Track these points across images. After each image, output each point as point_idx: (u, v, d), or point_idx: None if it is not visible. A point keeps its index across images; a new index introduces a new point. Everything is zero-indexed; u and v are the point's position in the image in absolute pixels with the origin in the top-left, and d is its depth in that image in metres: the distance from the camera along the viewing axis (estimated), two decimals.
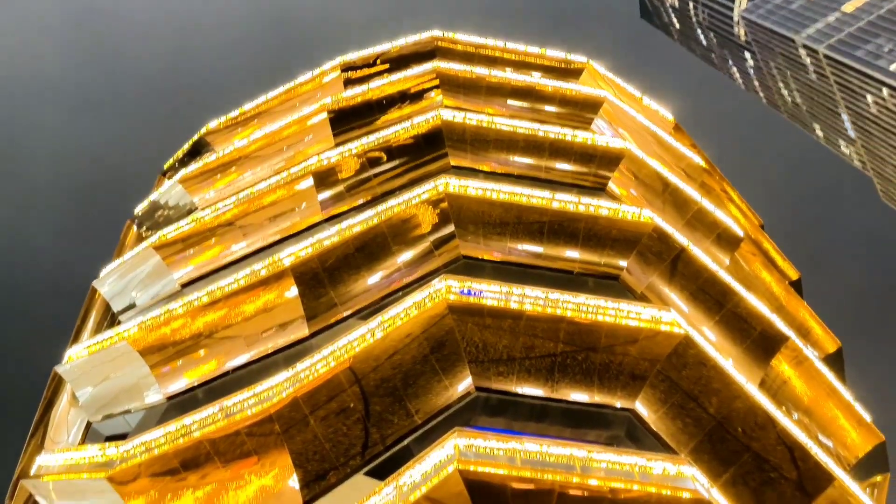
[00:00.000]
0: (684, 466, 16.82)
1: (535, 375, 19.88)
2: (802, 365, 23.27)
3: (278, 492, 18.67)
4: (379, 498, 16.43)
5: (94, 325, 27.19)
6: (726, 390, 19.74)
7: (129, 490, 18.51)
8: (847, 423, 23.41)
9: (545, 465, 16.52)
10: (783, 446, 19.35)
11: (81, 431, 23.80)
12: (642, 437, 19.62)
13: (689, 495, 16.16)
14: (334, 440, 19.01)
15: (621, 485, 16.29)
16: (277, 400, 18.52)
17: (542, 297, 19.88)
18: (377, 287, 22.95)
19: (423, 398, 19.67)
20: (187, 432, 18.52)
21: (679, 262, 23.14)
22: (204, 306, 22.10)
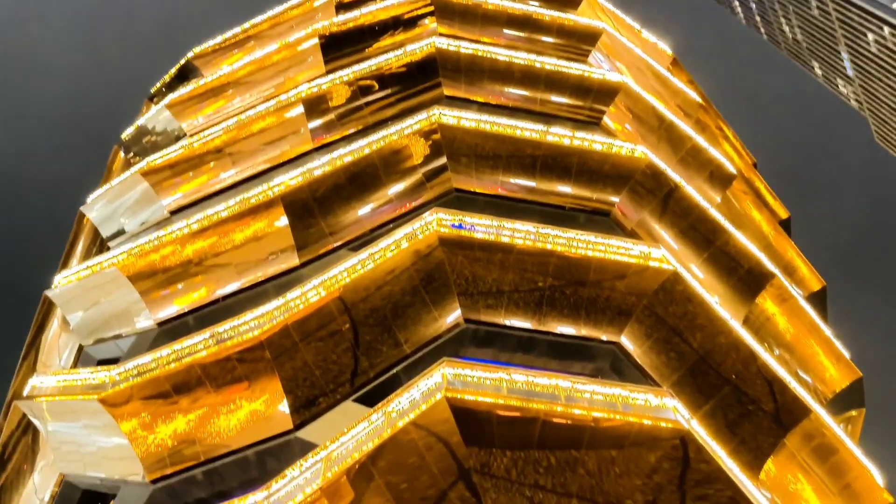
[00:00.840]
0: (666, 398, 17.23)
1: (523, 308, 20.10)
2: (786, 303, 23.63)
3: (269, 416, 19.05)
4: (368, 424, 16.80)
5: (83, 251, 27.14)
6: (711, 326, 20.08)
7: (122, 412, 18.84)
8: (826, 359, 23.96)
9: (531, 394, 16.89)
10: (763, 380, 19.85)
11: (73, 356, 24.06)
12: (626, 369, 20.03)
13: (670, 426, 16.61)
14: (324, 367, 19.30)
15: (604, 414, 16.70)
16: (268, 327, 18.68)
17: (532, 232, 19.90)
18: (368, 218, 22.89)
19: (412, 329, 19.91)
20: (178, 357, 18.74)
21: (671, 200, 23.13)
22: (193, 234, 22.02)
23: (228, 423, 18.99)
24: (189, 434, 19.03)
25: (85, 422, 19.67)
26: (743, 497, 16.45)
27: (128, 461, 19.14)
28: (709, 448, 16.84)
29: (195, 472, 19.18)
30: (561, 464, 16.77)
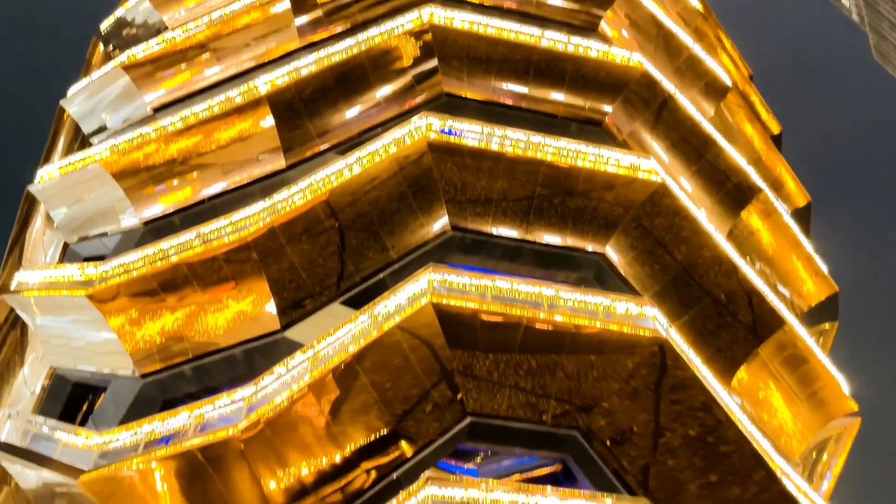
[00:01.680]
0: (646, 307, 17.62)
1: (510, 217, 20.14)
2: (771, 217, 23.82)
3: (256, 316, 19.33)
4: (354, 325, 17.13)
5: (65, 147, 26.60)
6: (696, 239, 20.29)
7: (109, 308, 19.04)
8: (805, 273, 24.42)
9: (514, 301, 17.20)
10: (742, 293, 20.30)
11: (58, 253, 24.03)
12: (609, 280, 20.34)
13: (649, 334, 17.08)
14: (310, 270, 19.44)
15: (585, 322, 17.11)
16: (254, 229, 18.66)
17: (523, 140, 19.68)
18: (356, 121, 22.46)
19: (398, 235, 19.97)
20: (165, 256, 18.77)
21: (664, 111, 22.82)
22: (177, 132, 21.58)
23: (216, 321, 19.27)
24: (177, 331, 19.34)
25: (72, 316, 19.88)
26: (714, 402, 17.14)
27: (117, 356, 19.51)
28: (685, 356, 17.39)
29: (184, 368, 19.62)
30: (541, 367, 17.29)
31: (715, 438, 17.14)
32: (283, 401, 16.24)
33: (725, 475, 17.00)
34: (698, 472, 17.06)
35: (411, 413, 17.34)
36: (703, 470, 17.02)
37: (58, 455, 17.50)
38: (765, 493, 16.98)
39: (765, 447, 17.40)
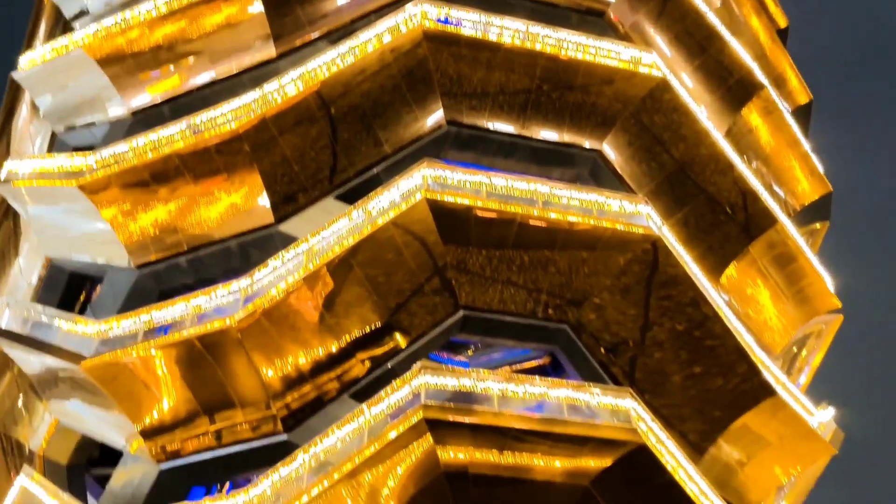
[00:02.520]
0: (640, 205, 17.65)
1: (507, 111, 19.75)
2: (771, 115, 23.46)
3: (249, 209, 19.26)
4: (348, 221, 17.13)
5: (47, 32, 25.50)
6: (694, 137, 20.05)
7: (101, 199, 18.89)
8: (801, 173, 24.35)
9: (509, 198, 17.17)
10: (737, 191, 20.29)
11: (46, 143, 23.57)
12: (605, 177, 20.22)
13: (641, 231, 17.20)
14: (303, 163, 19.20)
15: (579, 219, 17.17)
16: (246, 120, 18.26)
17: (522, 30, 18.98)
18: (348, 8, 21.49)
19: (392, 128, 19.61)
20: (155, 147, 18.45)
21: (669, 1, 21.94)
22: (162, 17, 20.60)
23: (209, 213, 19.20)
24: (170, 223, 19.30)
25: (64, 206, 19.76)
26: (703, 299, 17.52)
27: (111, 246, 19.55)
28: (677, 253, 17.59)
29: (179, 259, 19.73)
30: (534, 263, 17.50)
31: (701, 333, 17.64)
32: (279, 292, 16.46)
33: (710, 367, 17.64)
34: (683, 365, 17.68)
35: (405, 306, 17.66)
36: (688, 362, 17.63)
37: (59, 342, 17.86)
38: (746, 384, 17.67)
39: (748, 341, 17.94)
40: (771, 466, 19.60)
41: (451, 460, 15.08)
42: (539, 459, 15.26)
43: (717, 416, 17.92)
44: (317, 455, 15.13)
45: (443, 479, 15.26)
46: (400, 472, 15.09)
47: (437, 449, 14.85)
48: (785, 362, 22.56)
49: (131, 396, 17.24)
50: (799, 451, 19.36)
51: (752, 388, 17.64)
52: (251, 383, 17.26)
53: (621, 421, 15.31)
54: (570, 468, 15.38)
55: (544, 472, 15.44)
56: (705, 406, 17.87)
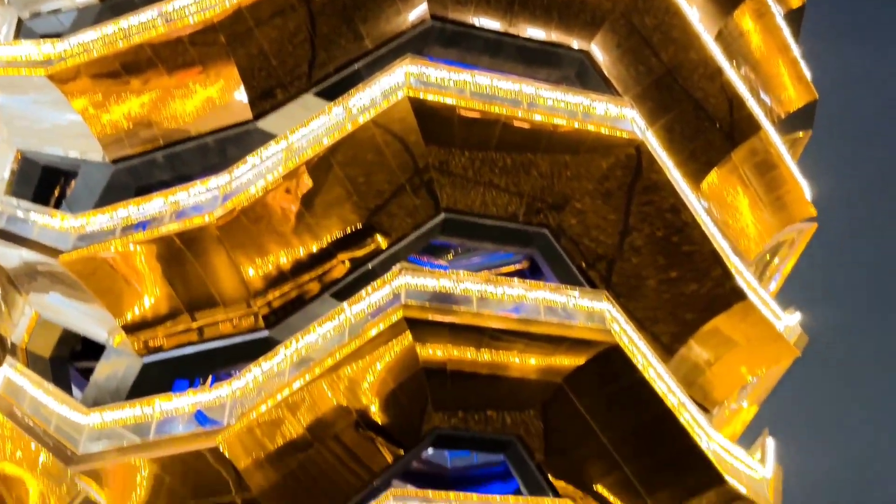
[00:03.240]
0: (626, 108, 17.41)
1: (494, 6, 19.06)
2: (763, 19, 22.91)
3: (226, 104, 18.74)
4: (328, 118, 16.75)
5: None
6: (684, 40, 19.56)
7: (71, 89, 18.21)
8: (788, 79, 24.06)
9: (493, 98, 16.81)
10: (724, 97, 20.06)
11: (13, 30, 22.42)
12: (591, 79, 19.84)
13: (625, 136, 17.05)
14: (281, 58, 18.55)
15: (563, 121, 16.94)
16: (220, 9, 17.41)
17: None
18: None
19: (373, 22, 18.90)
20: (126, 36, 17.62)
21: None
22: None
23: (184, 107, 18.65)
24: (144, 116, 18.76)
25: (33, 96, 19.05)
26: (683, 205, 17.64)
27: (84, 139, 19.05)
28: (659, 159, 17.54)
29: (156, 155, 19.33)
30: (516, 165, 17.38)
31: (679, 239, 17.89)
32: (258, 190, 16.28)
33: (685, 272, 18.02)
34: (660, 269, 18.03)
35: (385, 207, 17.60)
36: (664, 267, 17.98)
37: (35, 236, 17.68)
38: (719, 289, 18.13)
39: (724, 248, 18.25)
40: (737, 366, 20.44)
41: (429, 357, 15.50)
42: (515, 357, 15.73)
43: (689, 318, 18.47)
44: (298, 351, 15.45)
45: (421, 375, 15.72)
46: (379, 367, 15.50)
47: (416, 346, 15.22)
48: (758, 269, 23.09)
49: (111, 291, 17.29)
50: (765, 352, 20.16)
51: (725, 293, 18.11)
52: (232, 281, 17.35)
53: (596, 322, 15.72)
54: (545, 366, 15.90)
55: (520, 370, 15.97)
56: (678, 309, 18.37)
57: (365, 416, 15.90)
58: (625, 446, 16.41)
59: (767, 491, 18.17)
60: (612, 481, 16.93)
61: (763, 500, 17.65)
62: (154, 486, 15.81)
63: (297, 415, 15.21)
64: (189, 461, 15.16)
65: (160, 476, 15.61)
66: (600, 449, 16.47)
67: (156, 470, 15.49)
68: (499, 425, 16.80)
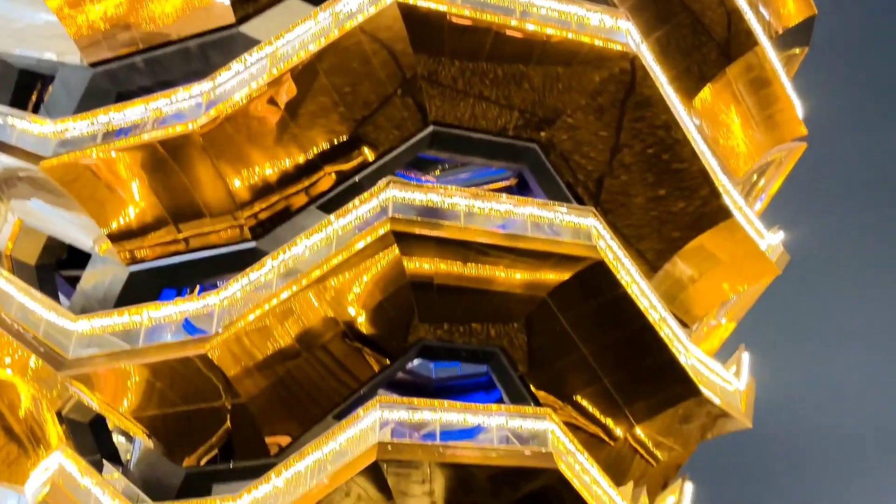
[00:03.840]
0: (621, 20, 16.91)
1: None
2: None
3: (206, 6, 17.97)
4: (314, 23, 16.15)
5: None
6: None
7: None
8: None
9: (485, 5, 16.25)
10: (721, 10, 19.45)
11: None
12: None
13: (620, 48, 16.63)
14: None
15: (557, 32, 16.46)
16: None
17: None
18: None
19: None
20: None
21: None
22: None
23: (163, 9, 17.85)
24: (122, 17, 17.96)
25: None
26: (675, 122, 17.40)
27: (60, 40, 18.31)
28: (653, 74, 17.18)
29: (136, 59, 18.68)
30: (507, 77, 16.97)
31: (669, 156, 17.76)
32: (242, 98, 15.88)
33: (673, 190, 17.99)
34: (648, 187, 17.99)
35: (372, 118, 17.25)
36: (653, 185, 17.93)
37: (14, 141, 17.26)
38: (706, 207, 18.17)
39: (713, 166, 18.18)
40: (719, 283, 20.76)
41: (416, 270, 15.60)
42: (501, 272, 15.88)
43: (675, 236, 18.59)
44: (285, 262, 15.48)
45: (408, 288, 15.87)
46: (366, 279, 15.61)
47: (403, 259, 15.29)
48: (745, 188, 23.10)
49: (94, 198, 17.07)
50: (747, 270, 20.43)
51: (712, 212, 18.17)
52: (217, 191, 17.16)
53: (582, 238, 15.82)
54: (530, 281, 16.09)
55: (505, 284, 16.15)
56: (664, 227, 18.46)
57: (352, 327, 16.15)
58: (605, 359, 16.85)
59: (740, 402, 18.90)
60: (592, 392, 17.46)
61: (735, 411, 18.37)
62: (145, 391, 16.16)
63: (285, 325, 15.41)
64: (178, 368, 15.44)
65: (150, 382, 15.93)
66: (581, 361, 16.90)
67: (146, 376, 15.79)
68: (483, 337, 17.13)
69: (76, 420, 19.62)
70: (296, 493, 14.07)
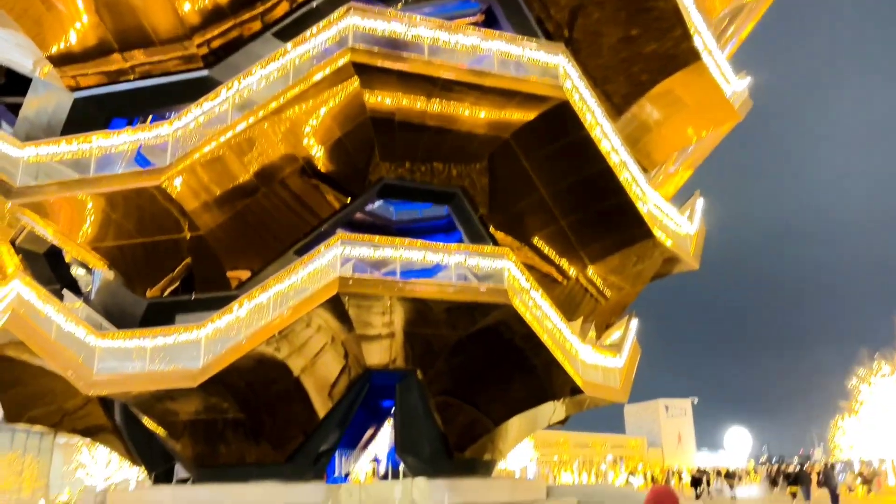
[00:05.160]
0: None
1: None
2: None
3: None
4: None
5: None
6: None
7: None
8: None
9: None
10: None
11: None
12: None
13: None
14: None
15: None
16: None
17: None
18: None
19: None
20: None
21: None
22: None
23: None
24: None
25: None
26: None
27: None
28: None
29: None
30: None
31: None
32: None
33: (645, 31, 17.35)
34: (620, 26, 17.29)
35: None
36: (625, 23, 17.21)
37: None
38: (676, 49, 17.66)
39: (687, 6, 17.49)
40: (683, 127, 20.71)
41: (377, 105, 15.11)
42: (465, 109, 15.46)
43: (644, 79, 18.21)
44: (240, 92, 14.84)
45: (368, 124, 15.43)
46: (324, 113, 15.08)
47: (363, 93, 14.74)
48: (716, 30, 22.51)
49: (27, 14, 15.78)
50: (711, 115, 20.29)
51: (682, 53, 17.68)
52: (165, 14, 16.03)
53: (549, 77, 15.34)
54: (494, 120, 15.76)
55: (469, 123, 15.79)
56: (634, 68, 18.02)
57: (310, 163, 15.83)
58: (564, 201, 17.03)
59: (690, 246, 19.56)
60: (549, 233, 17.79)
61: (684, 253, 19.04)
62: (101, 222, 15.87)
63: (242, 159, 15.03)
64: (133, 198, 15.13)
65: (106, 212, 15.62)
66: (540, 203, 17.06)
67: (101, 206, 15.44)
68: (445, 177, 17.04)
69: (31, 251, 19.46)
70: (258, 324, 14.40)
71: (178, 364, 14.60)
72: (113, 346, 15.08)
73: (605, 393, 17.35)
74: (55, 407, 19.35)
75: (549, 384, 16.22)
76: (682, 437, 70.75)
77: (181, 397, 14.83)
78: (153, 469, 18.56)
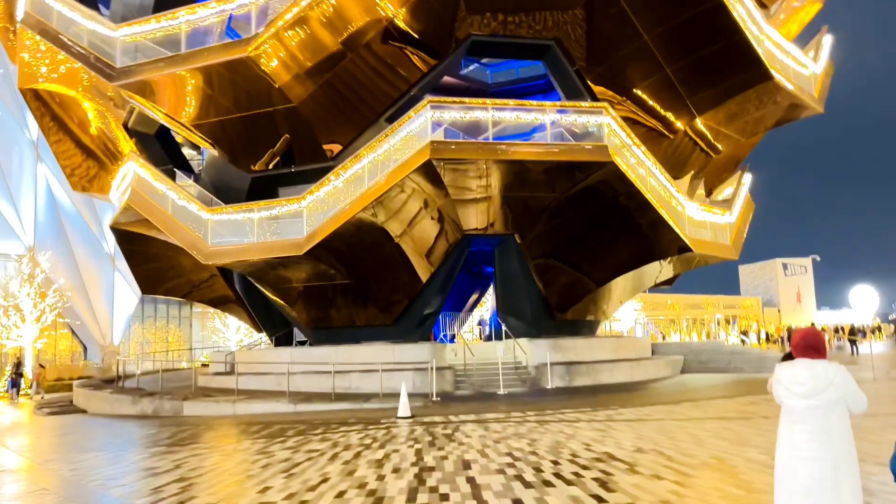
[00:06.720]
0: None
1: None
2: None
3: None
4: None
5: None
6: None
7: None
8: None
9: None
10: None
11: None
12: None
13: None
14: None
15: None
16: None
17: None
18: None
19: None
20: None
21: None
22: None
23: None
24: None
25: None
26: None
27: None
28: None
29: None
30: None
31: None
32: None
33: None
34: None
35: None
36: None
37: None
38: None
39: None
40: None
41: None
42: None
43: None
44: None
45: None
46: None
47: None
48: None
49: None
50: None
51: None
52: None
53: None
54: None
55: None
56: None
57: (394, 24, 15.18)
58: (670, 45, 15.62)
59: (814, 88, 17.65)
60: (653, 84, 16.54)
61: (808, 96, 17.24)
62: (201, 99, 16.09)
63: (324, 22, 14.58)
64: (226, 74, 15.15)
65: (203, 90, 15.79)
66: (643, 50, 15.75)
67: (199, 83, 15.58)
68: (539, 27, 15.98)
69: (143, 132, 20.24)
70: (355, 193, 14.52)
71: (284, 235, 15.12)
72: (223, 220, 15.75)
73: (715, 250, 16.61)
74: (184, 279, 20.86)
75: (654, 244, 15.66)
76: (802, 296, 68.27)
77: (292, 265, 15.44)
78: (273, 333, 19.88)
